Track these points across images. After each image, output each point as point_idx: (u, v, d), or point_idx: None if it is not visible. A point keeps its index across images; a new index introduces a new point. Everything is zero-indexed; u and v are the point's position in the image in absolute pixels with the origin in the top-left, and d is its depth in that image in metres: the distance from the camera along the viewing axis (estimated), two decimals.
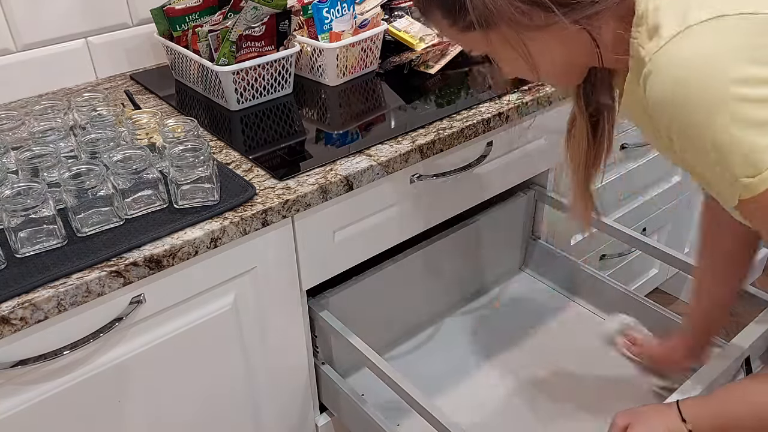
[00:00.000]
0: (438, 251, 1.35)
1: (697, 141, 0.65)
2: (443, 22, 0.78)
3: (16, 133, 1.05)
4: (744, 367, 1.04)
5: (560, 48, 0.75)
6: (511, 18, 0.71)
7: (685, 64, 0.63)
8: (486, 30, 0.74)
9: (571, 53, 0.77)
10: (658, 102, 0.66)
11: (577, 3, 0.69)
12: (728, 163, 0.64)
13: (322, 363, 1.22)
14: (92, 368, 0.91)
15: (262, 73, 1.25)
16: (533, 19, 0.71)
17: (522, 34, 0.73)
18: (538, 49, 0.75)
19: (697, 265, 1.13)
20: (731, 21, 0.62)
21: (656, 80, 0.65)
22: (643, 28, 0.68)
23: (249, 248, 0.99)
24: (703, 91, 0.62)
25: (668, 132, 0.68)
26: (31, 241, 0.86)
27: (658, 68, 0.65)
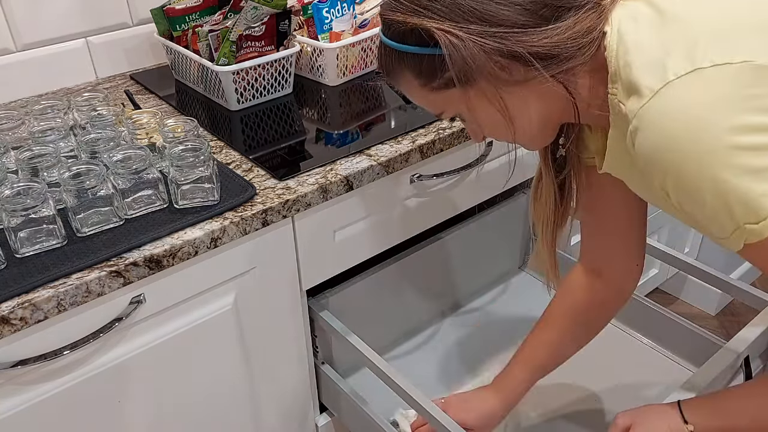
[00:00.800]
0: (438, 251, 1.35)
1: (695, 193, 0.65)
2: (413, 83, 0.76)
3: (16, 132, 1.05)
4: (743, 367, 1.04)
5: (538, 103, 0.74)
6: (490, 73, 0.70)
7: (672, 117, 0.63)
8: (464, 86, 0.72)
9: (548, 108, 0.75)
10: (650, 158, 0.66)
11: (555, 57, 0.69)
12: (730, 212, 0.64)
13: (322, 363, 1.22)
14: (92, 368, 0.91)
15: (262, 73, 1.25)
16: (512, 74, 0.70)
17: (501, 89, 0.72)
18: (516, 104, 0.73)
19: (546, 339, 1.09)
20: (708, 72, 0.62)
21: (645, 136, 0.65)
22: (619, 85, 0.68)
23: (249, 248, 0.99)
24: (695, 142, 0.62)
25: (663, 186, 0.67)
26: (31, 241, 0.85)
27: (645, 125, 0.65)
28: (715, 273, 1.20)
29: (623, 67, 0.67)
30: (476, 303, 1.48)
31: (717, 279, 1.20)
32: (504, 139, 0.79)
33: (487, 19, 0.68)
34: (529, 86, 0.72)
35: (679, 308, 2.16)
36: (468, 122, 0.80)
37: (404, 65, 0.75)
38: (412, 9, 0.71)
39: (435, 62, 0.71)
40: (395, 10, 0.72)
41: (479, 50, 0.68)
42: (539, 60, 0.69)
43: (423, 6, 0.70)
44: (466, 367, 1.31)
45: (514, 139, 0.78)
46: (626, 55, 0.67)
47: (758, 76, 0.61)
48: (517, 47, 0.68)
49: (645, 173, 0.68)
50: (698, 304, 2.16)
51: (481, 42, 0.68)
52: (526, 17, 0.68)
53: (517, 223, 1.49)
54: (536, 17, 0.68)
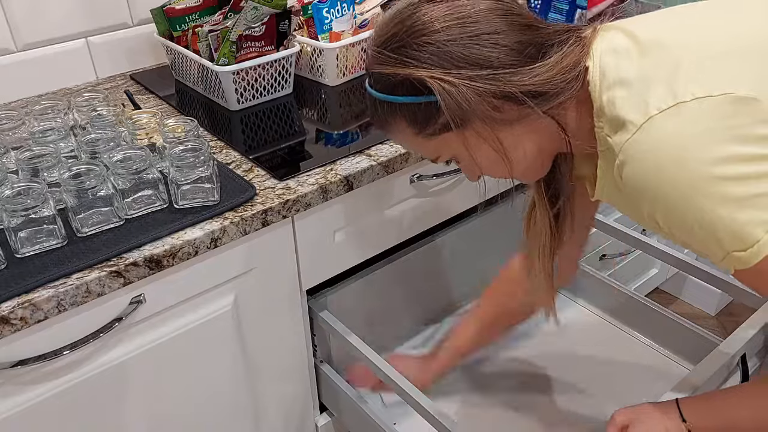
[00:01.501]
0: (438, 251, 1.35)
1: (683, 223, 0.67)
2: (407, 131, 0.77)
3: (16, 133, 1.05)
4: (740, 365, 1.04)
5: (532, 138, 0.76)
6: (484, 114, 0.72)
7: (656, 151, 0.65)
8: (460, 129, 0.73)
9: (542, 142, 0.77)
10: (637, 189, 0.68)
11: (546, 93, 0.71)
12: (717, 240, 0.66)
13: (321, 362, 1.22)
14: (92, 368, 0.91)
15: (262, 73, 1.25)
16: (505, 113, 0.72)
17: (495, 128, 0.74)
18: (511, 141, 0.75)
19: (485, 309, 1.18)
20: (689, 106, 0.64)
21: (631, 169, 0.67)
22: (605, 119, 0.70)
23: (249, 248, 0.99)
24: (679, 175, 0.64)
25: (652, 215, 0.69)
26: (31, 241, 0.86)
27: (631, 158, 0.66)
28: (715, 273, 1.20)
29: (607, 104, 0.69)
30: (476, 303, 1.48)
31: (717, 279, 1.20)
32: (501, 175, 0.81)
33: (476, 62, 0.70)
34: (522, 123, 0.74)
35: (679, 308, 2.16)
36: (463, 163, 0.82)
37: (397, 116, 0.76)
38: (400, 61, 0.72)
39: (429, 109, 0.73)
40: (383, 63, 0.74)
41: (472, 93, 0.70)
42: (531, 98, 0.71)
43: (411, 57, 0.71)
44: (466, 368, 1.31)
45: (511, 174, 0.80)
46: (609, 91, 0.69)
47: (739, 107, 0.63)
48: (509, 87, 0.70)
49: (634, 204, 0.70)
50: (698, 304, 2.16)
51: (473, 85, 0.70)
52: (512, 57, 0.70)
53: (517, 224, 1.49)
54: (523, 57, 0.70)
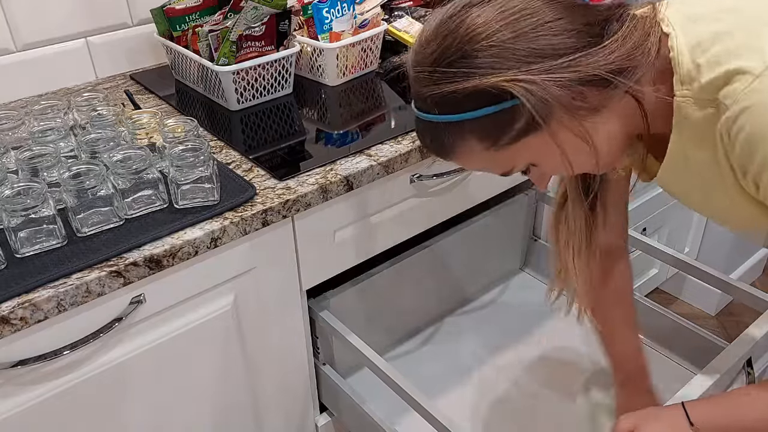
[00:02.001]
0: (438, 251, 1.35)
1: None
2: (476, 149, 0.70)
3: (16, 133, 1.05)
4: (746, 368, 1.04)
5: (616, 122, 0.71)
6: (570, 105, 0.66)
7: None
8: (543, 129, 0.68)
9: (624, 125, 0.72)
10: (755, 137, 0.63)
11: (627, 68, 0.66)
12: None
13: (322, 363, 1.22)
14: (92, 368, 0.91)
15: (262, 73, 1.25)
16: (589, 99, 0.67)
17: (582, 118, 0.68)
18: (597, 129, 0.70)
19: (603, 339, 1.13)
20: None
21: (756, 112, 0.62)
22: (697, 84, 0.66)
23: (249, 248, 0.99)
24: None
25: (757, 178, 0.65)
26: (31, 241, 0.85)
27: (752, 104, 0.62)
28: (715, 273, 1.20)
29: (705, 64, 0.65)
30: (476, 303, 1.48)
31: (717, 279, 1.20)
32: (586, 169, 0.76)
33: (547, 53, 0.65)
34: (607, 108, 0.69)
35: (679, 308, 2.16)
36: (538, 168, 0.76)
37: (465, 134, 0.69)
38: (461, 74, 0.66)
39: (503, 117, 0.67)
40: (440, 82, 0.67)
41: (555, 85, 0.65)
42: (617, 75, 0.66)
43: (474, 66, 0.65)
44: (466, 368, 1.31)
45: (597, 166, 0.74)
46: (704, 53, 0.65)
47: None
48: (592, 70, 0.65)
49: (742, 159, 0.65)
50: (698, 304, 2.16)
51: (553, 77, 0.65)
52: (581, 40, 0.66)
53: (517, 224, 1.49)
54: (587, 37, 0.66)
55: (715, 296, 2.10)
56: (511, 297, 1.50)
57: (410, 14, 1.50)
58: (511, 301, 1.48)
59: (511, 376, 1.29)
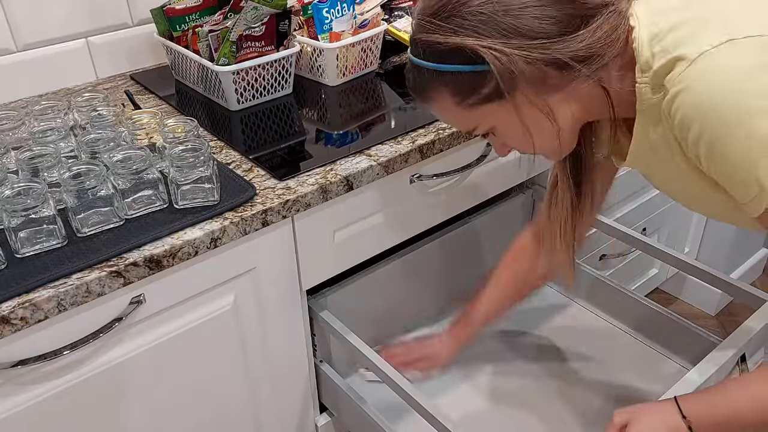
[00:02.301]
0: (438, 251, 1.35)
1: (725, 153, 0.69)
2: (448, 102, 0.78)
3: (16, 133, 1.05)
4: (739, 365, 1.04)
5: (577, 103, 0.78)
6: (532, 82, 0.74)
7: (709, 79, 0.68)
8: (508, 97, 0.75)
9: (587, 107, 0.79)
10: (690, 113, 0.69)
11: (591, 57, 0.73)
12: (756, 172, 0.68)
13: (321, 362, 1.22)
14: (92, 368, 0.91)
15: (262, 73, 1.25)
16: (553, 79, 0.74)
17: (543, 94, 0.75)
18: (558, 106, 0.77)
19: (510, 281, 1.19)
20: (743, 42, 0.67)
21: (688, 93, 0.69)
22: (651, 72, 0.72)
23: (249, 248, 0.99)
24: (731, 100, 0.67)
25: (696, 146, 0.71)
26: (31, 241, 0.86)
27: (685, 87, 0.69)
28: (715, 273, 1.20)
29: (657, 53, 0.72)
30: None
31: (717, 279, 1.20)
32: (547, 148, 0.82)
33: (525, 33, 0.72)
34: (569, 89, 0.76)
35: (679, 308, 2.16)
36: (498, 136, 0.83)
37: (441, 85, 0.77)
38: (451, 30, 0.73)
39: (475, 79, 0.74)
40: (432, 32, 0.74)
41: (523, 62, 0.72)
42: (579, 62, 0.73)
43: (462, 26, 0.73)
44: (465, 367, 1.31)
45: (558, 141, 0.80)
46: (658, 42, 0.72)
47: None
48: (558, 54, 0.72)
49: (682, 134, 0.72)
50: (698, 304, 2.16)
51: (524, 54, 0.72)
52: (559, 27, 0.72)
53: (517, 223, 1.49)
54: (568, 26, 0.72)
55: (715, 296, 2.10)
56: None
57: (410, 14, 1.50)
58: None
59: (511, 376, 1.29)
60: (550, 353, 1.33)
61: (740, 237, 2.04)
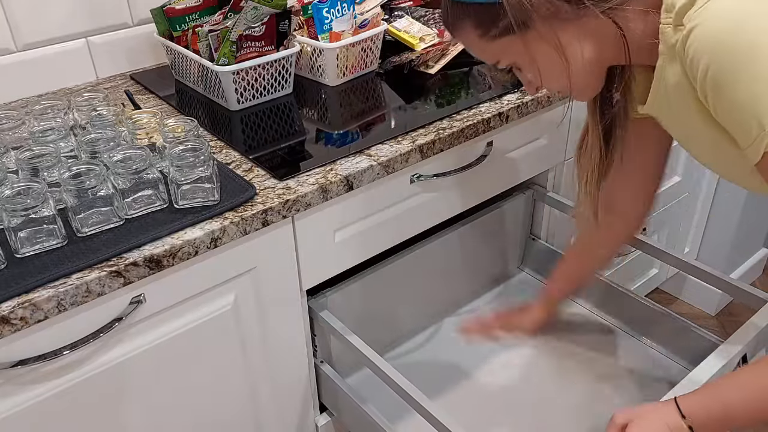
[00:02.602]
0: (438, 251, 1.35)
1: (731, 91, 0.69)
2: (473, 34, 0.81)
3: (16, 132, 1.05)
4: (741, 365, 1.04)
5: (591, 41, 0.79)
6: (545, 15, 0.76)
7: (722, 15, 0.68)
8: (522, 31, 0.78)
9: (601, 47, 0.80)
10: (701, 47, 0.70)
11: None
12: (757, 113, 0.68)
13: (321, 362, 1.22)
14: (92, 368, 0.91)
15: (262, 73, 1.25)
16: (564, 14, 0.76)
17: (556, 28, 0.77)
18: (569, 42, 0.79)
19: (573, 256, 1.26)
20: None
21: (701, 29, 0.70)
22: (674, 12, 0.73)
23: (249, 248, 0.99)
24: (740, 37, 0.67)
25: (704, 83, 0.71)
26: (31, 241, 0.86)
27: (703, 20, 0.70)
28: (715, 273, 1.20)
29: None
30: (476, 303, 1.48)
31: (717, 279, 1.20)
32: (559, 83, 0.84)
33: None
34: (581, 24, 0.77)
35: (679, 308, 2.16)
36: (524, 71, 0.85)
37: (464, 17, 0.80)
38: None
39: (493, 10, 0.77)
40: None
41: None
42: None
43: None
44: (466, 367, 1.31)
45: (569, 80, 0.82)
46: None
47: None
48: None
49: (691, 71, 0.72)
50: (698, 304, 2.16)
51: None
52: None
53: (517, 223, 1.49)
54: None
55: (715, 296, 2.10)
56: (510, 297, 1.50)
57: (410, 14, 1.50)
58: (510, 301, 1.48)
59: (511, 376, 1.29)
60: (549, 353, 1.33)
61: (740, 237, 2.04)
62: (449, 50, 1.41)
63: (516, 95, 1.27)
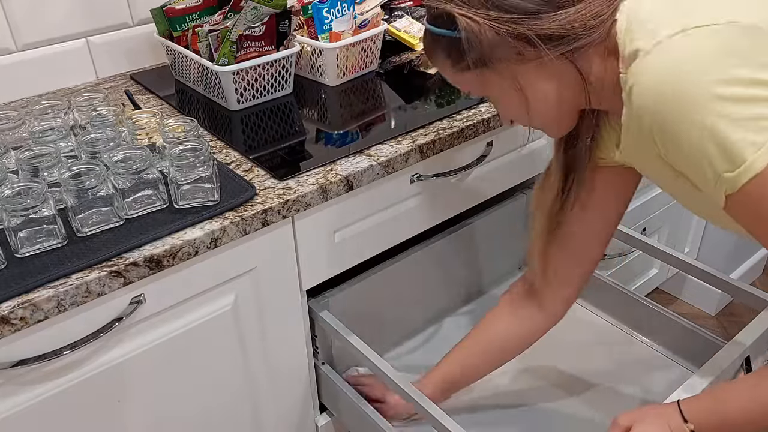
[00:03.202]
0: (438, 251, 1.35)
1: (678, 142, 0.70)
2: (446, 63, 0.82)
3: (16, 132, 1.05)
4: (744, 367, 1.04)
5: (550, 83, 0.79)
6: (504, 54, 0.77)
7: (660, 68, 0.69)
8: (483, 68, 0.79)
9: (562, 89, 0.80)
10: (641, 108, 0.72)
11: (563, 38, 0.74)
12: (709, 160, 0.68)
13: (322, 363, 1.22)
14: (92, 368, 0.91)
15: (262, 73, 1.25)
16: (525, 55, 0.76)
17: (515, 70, 0.78)
18: (529, 82, 0.79)
19: (468, 346, 1.17)
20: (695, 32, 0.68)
21: (637, 89, 0.71)
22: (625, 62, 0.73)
23: (249, 248, 0.99)
24: (681, 91, 0.67)
25: (651, 136, 0.73)
26: (31, 241, 0.86)
27: (638, 78, 0.71)
28: (715, 273, 1.20)
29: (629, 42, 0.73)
30: (476, 303, 1.48)
31: (717, 279, 1.20)
32: (520, 120, 0.86)
33: (503, 7, 0.74)
34: (541, 66, 0.77)
35: (679, 308, 2.16)
36: (493, 102, 0.87)
37: (438, 46, 0.82)
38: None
39: (458, 44, 0.77)
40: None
41: (493, 33, 0.75)
42: (548, 41, 0.74)
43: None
44: None
45: (529, 120, 0.84)
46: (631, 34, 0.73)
47: (742, 33, 0.67)
48: (526, 30, 0.74)
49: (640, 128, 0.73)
50: (698, 304, 2.16)
51: (495, 26, 0.75)
52: (539, 6, 0.74)
53: (517, 224, 1.49)
54: (550, 5, 0.74)
55: (715, 296, 2.10)
56: None
57: (410, 14, 1.50)
58: None
59: (511, 376, 1.29)
60: (548, 353, 1.33)
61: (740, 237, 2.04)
62: None
63: None
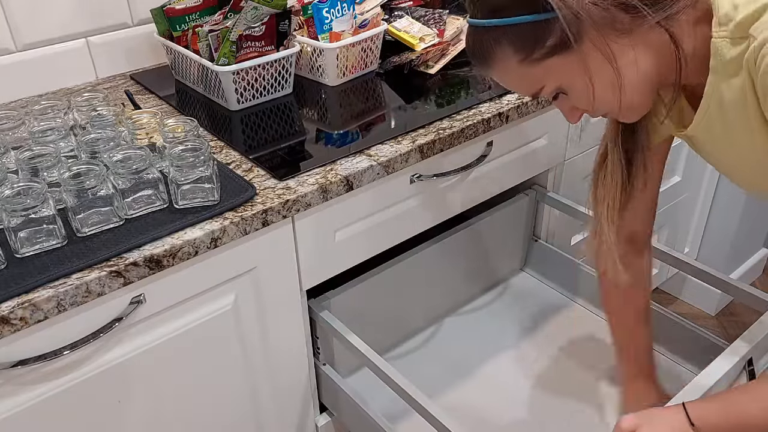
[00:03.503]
0: (439, 251, 1.35)
1: None
2: (511, 60, 0.74)
3: (16, 132, 1.05)
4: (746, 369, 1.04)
5: (644, 54, 0.73)
6: (599, 26, 0.70)
7: None
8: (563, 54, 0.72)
9: (654, 61, 0.74)
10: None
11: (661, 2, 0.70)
12: None
13: (323, 364, 1.22)
14: (92, 368, 0.91)
15: (262, 73, 1.25)
16: (618, 25, 0.71)
17: (610, 40, 0.72)
18: (624, 54, 0.73)
19: (615, 333, 1.18)
20: None
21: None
22: (732, 24, 0.70)
23: (249, 248, 0.99)
24: None
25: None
26: (31, 241, 0.85)
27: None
28: (715, 273, 1.20)
29: (742, 4, 0.69)
30: (476, 303, 1.48)
31: (717, 279, 1.20)
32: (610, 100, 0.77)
33: None
34: (636, 34, 0.72)
35: (679, 308, 2.16)
36: (570, 94, 0.78)
37: (502, 42, 0.73)
38: None
39: (539, 29, 0.71)
40: None
41: (589, 2, 0.69)
42: (648, 5, 0.70)
43: None
44: (466, 368, 1.31)
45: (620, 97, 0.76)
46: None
47: None
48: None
49: (761, 88, 0.69)
50: (698, 304, 2.16)
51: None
52: None
53: (518, 224, 1.49)
54: None
55: (715, 296, 2.10)
56: (511, 297, 1.50)
57: (410, 14, 1.50)
58: (511, 302, 1.48)
59: (512, 376, 1.29)
60: (550, 353, 1.33)
61: (740, 237, 2.04)
62: (449, 50, 1.41)
63: (516, 95, 1.27)
